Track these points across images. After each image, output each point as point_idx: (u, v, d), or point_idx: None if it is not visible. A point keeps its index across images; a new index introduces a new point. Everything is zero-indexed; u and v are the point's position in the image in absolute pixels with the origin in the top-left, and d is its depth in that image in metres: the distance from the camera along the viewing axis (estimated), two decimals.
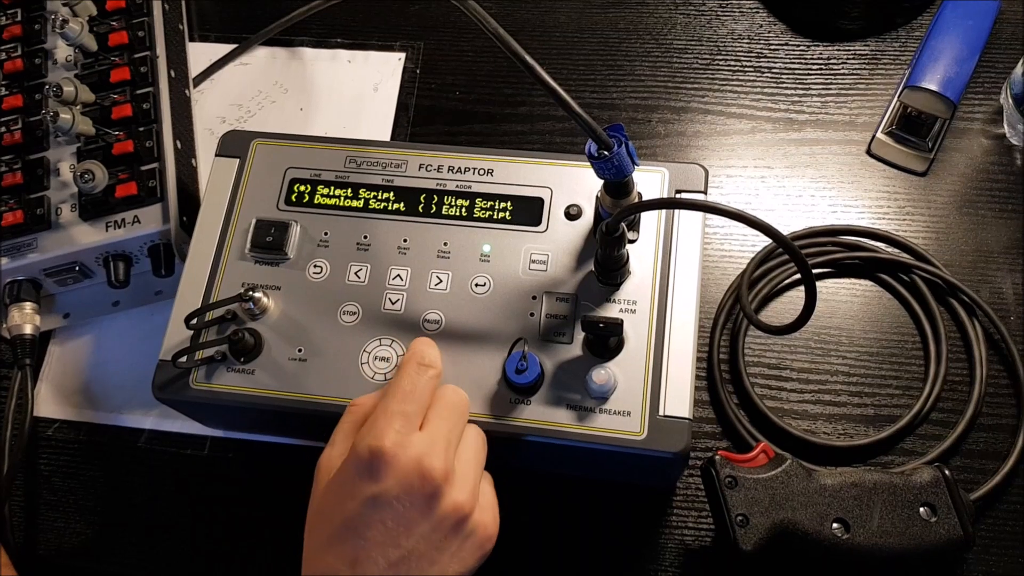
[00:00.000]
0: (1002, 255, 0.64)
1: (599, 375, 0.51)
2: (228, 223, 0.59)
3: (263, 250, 0.57)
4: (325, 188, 0.59)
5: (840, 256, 0.64)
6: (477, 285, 0.55)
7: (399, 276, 0.56)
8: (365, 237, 0.57)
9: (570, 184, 0.58)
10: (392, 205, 0.58)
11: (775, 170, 0.69)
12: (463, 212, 0.57)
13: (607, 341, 0.52)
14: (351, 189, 0.59)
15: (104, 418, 0.64)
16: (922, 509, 0.52)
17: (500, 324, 0.54)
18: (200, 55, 0.76)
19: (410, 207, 0.58)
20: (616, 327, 0.51)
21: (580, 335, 0.53)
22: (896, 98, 0.69)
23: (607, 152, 0.48)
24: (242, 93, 0.75)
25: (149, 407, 0.63)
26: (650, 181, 0.57)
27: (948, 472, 0.53)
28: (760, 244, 0.65)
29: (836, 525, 0.51)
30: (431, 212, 0.58)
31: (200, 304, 0.56)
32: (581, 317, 0.52)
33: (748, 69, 0.73)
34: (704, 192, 0.57)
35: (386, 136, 0.72)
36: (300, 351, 0.55)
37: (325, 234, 0.58)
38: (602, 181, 0.52)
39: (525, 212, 0.57)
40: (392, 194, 0.58)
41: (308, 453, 0.51)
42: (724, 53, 0.74)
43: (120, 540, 0.61)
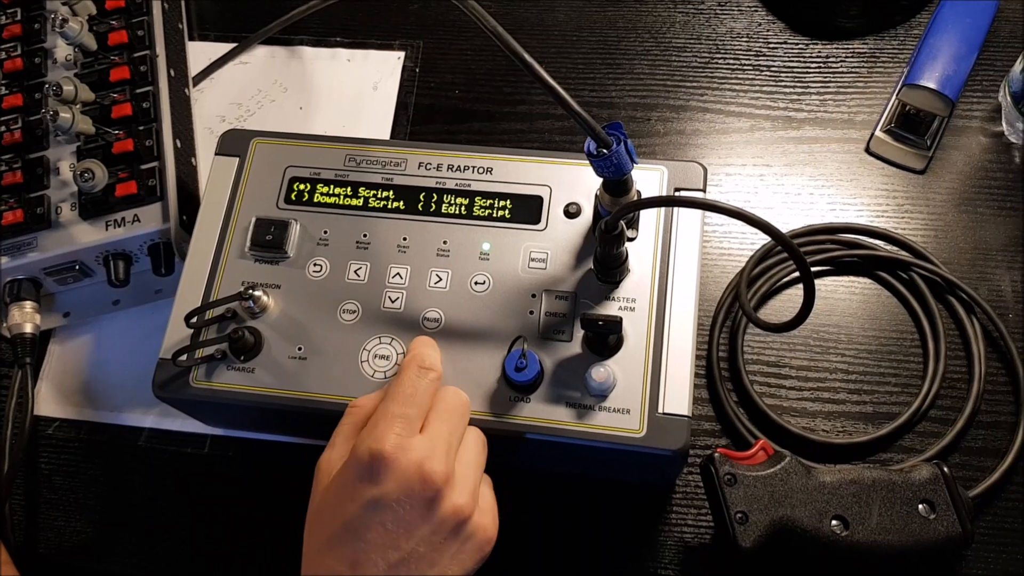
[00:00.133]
0: (1000, 253, 0.65)
1: (598, 373, 0.51)
2: (228, 222, 0.59)
3: (263, 249, 0.57)
4: (325, 187, 0.59)
5: (839, 254, 0.65)
6: (476, 283, 0.56)
7: (399, 274, 0.56)
8: (365, 236, 0.58)
9: (569, 182, 0.58)
10: (392, 204, 0.58)
11: (774, 168, 0.69)
12: (462, 210, 0.58)
13: (606, 339, 0.52)
14: (351, 188, 0.59)
15: (104, 417, 0.64)
16: (921, 506, 0.52)
17: (499, 322, 0.54)
18: (200, 54, 0.76)
19: (410, 206, 0.58)
20: (615, 325, 0.51)
21: (579, 333, 0.53)
22: (895, 96, 0.69)
23: (606, 150, 0.48)
24: (242, 92, 0.75)
25: (149, 406, 0.63)
26: (649, 179, 0.57)
27: (947, 469, 0.53)
28: (759, 242, 0.65)
29: (835, 522, 0.51)
30: (431, 211, 0.58)
31: (200, 303, 0.56)
32: (580, 315, 0.52)
33: (747, 67, 0.73)
34: (703, 190, 0.57)
35: (385, 135, 0.73)
36: (300, 349, 0.55)
37: (325, 233, 0.58)
38: (601, 179, 0.52)
39: (524, 210, 0.57)
40: (392, 193, 0.59)
41: (308, 452, 0.51)
42: (723, 51, 0.74)
43: (120, 539, 0.61)
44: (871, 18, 0.74)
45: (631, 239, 0.55)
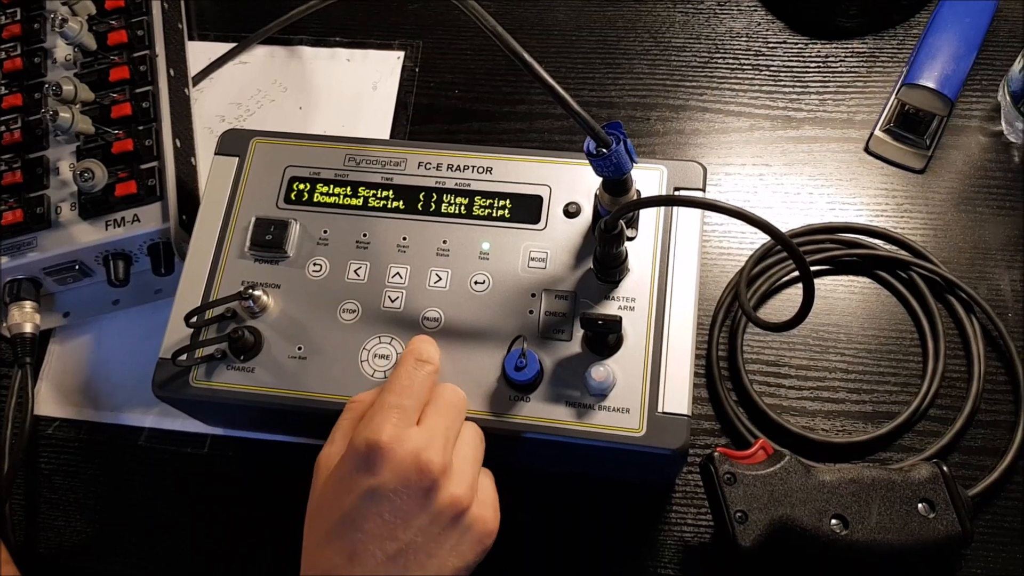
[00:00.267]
0: (1000, 252, 0.65)
1: (598, 372, 0.51)
2: (227, 221, 0.59)
3: (262, 248, 0.57)
4: (324, 186, 0.59)
5: (838, 253, 0.65)
6: (476, 283, 0.56)
7: (398, 274, 0.56)
8: (364, 235, 0.58)
9: (569, 182, 0.58)
10: (391, 203, 0.58)
11: (773, 168, 0.69)
12: (462, 210, 0.58)
13: (606, 338, 0.52)
14: (350, 187, 0.59)
15: (104, 416, 0.64)
16: (920, 505, 0.52)
17: (499, 322, 0.54)
18: (199, 54, 0.76)
19: (409, 205, 0.58)
20: (615, 324, 0.51)
21: (579, 332, 0.53)
22: (894, 96, 0.69)
23: (606, 150, 0.48)
24: (241, 92, 0.75)
25: (149, 405, 0.63)
26: (648, 179, 0.57)
27: (946, 468, 0.53)
28: (759, 241, 0.65)
29: (835, 521, 0.51)
30: (430, 210, 0.58)
31: (200, 302, 0.56)
32: (580, 314, 0.52)
33: (746, 67, 0.73)
34: (702, 190, 0.57)
35: (385, 134, 0.73)
36: (300, 349, 0.55)
37: (324, 232, 0.58)
38: (601, 179, 0.52)
39: (524, 210, 0.57)
40: (391, 192, 0.59)
41: (308, 451, 0.51)
42: (722, 51, 0.74)
43: (120, 539, 0.61)
44: (870, 18, 0.74)
45: (631, 239, 0.55)
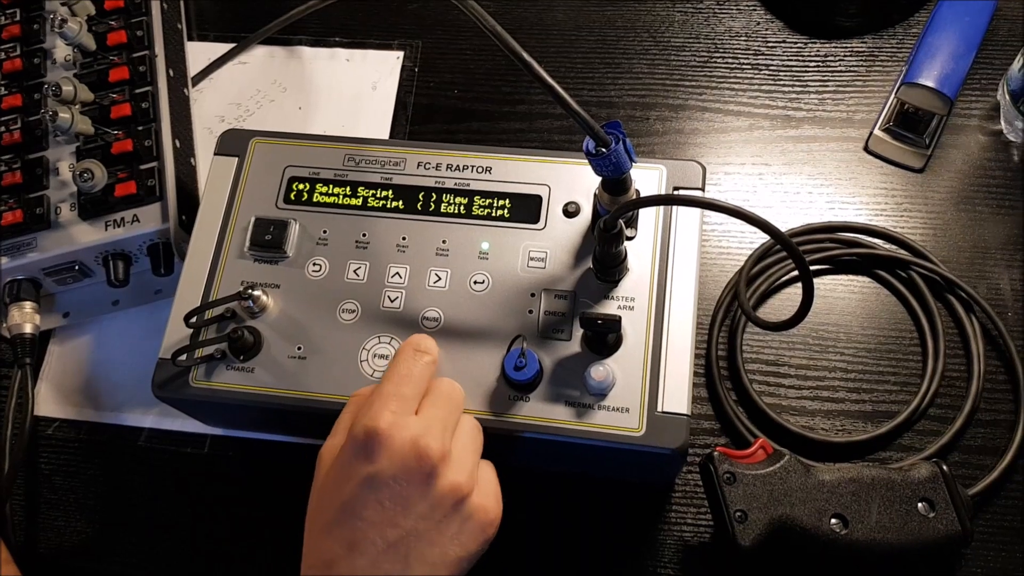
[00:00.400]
0: (999, 251, 0.65)
1: (597, 372, 0.51)
2: (227, 222, 0.59)
3: (262, 248, 0.57)
4: (324, 186, 0.59)
5: (838, 252, 0.65)
6: (476, 283, 0.56)
7: (398, 274, 0.56)
8: (364, 235, 0.58)
9: (568, 181, 0.58)
10: (391, 203, 0.58)
11: (773, 167, 0.69)
12: (461, 210, 0.58)
13: (605, 338, 0.53)
14: (350, 187, 0.59)
15: (104, 417, 0.64)
16: (920, 505, 0.52)
17: (499, 321, 0.54)
18: (199, 54, 0.76)
19: (409, 205, 0.58)
20: (614, 324, 0.51)
21: (578, 332, 0.53)
22: (893, 95, 0.69)
23: (605, 149, 0.48)
24: (241, 92, 0.75)
25: (149, 406, 0.63)
26: (648, 178, 0.57)
27: (946, 468, 0.53)
28: (758, 241, 0.65)
29: (834, 521, 0.51)
30: (430, 210, 0.58)
31: (199, 302, 0.56)
32: (579, 314, 0.52)
33: (746, 66, 0.73)
34: (702, 189, 0.57)
35: (384, 134, 0.73)
36: (299, 349, 0.55)
37: (324, 232, 0.58)
38: (600, 178, 0.52)
39: (523, 210, 0.57)
40: (391, 192, 0.59)
41: (308, 451, 0.51)
42: (722, 50, 0.74)
43: (120, 539, 0.61)
44: (870, 17, 0.74)
45: (630, 238, 0.55)
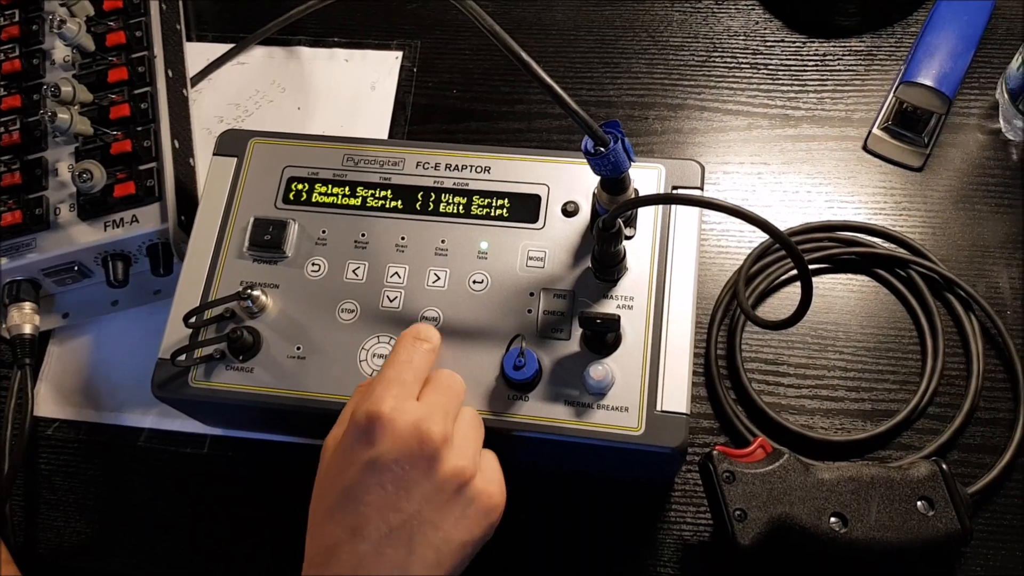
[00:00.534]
0: (998, 250, 0.65)
1: (597, 371, 0.51)
2: (226, 222, 0.59)
3: (261, 248, 0.57)
4: (323, 186, 0.59)
5: (836, 251, 0.65)
6: (475, 282, 0.56)
7: (397, 274, 0.56)
8: (363, 235, 0.58)
9: (567, 181, 0.58)
10: (390, 203, 0.58)
11: (771, 166, 0.69)
12: (460, 210, 0.58)
13: (604, 337, 0.53)
14: (349, 187, 0.59)
15: (104, 417, 0.64)
16: (919, 503, 0.52)
17: (498, 321, 0.54)
18: (198, 55, 0.76)
19: (408, 205, 0.58)
20: (613, 323, 0.51)
21: (578, 331, 0.53)
22: (892, 94, 0.69)
23: (603, 148, 0.48)
24: (240, 92, 0.75)
25: (149, 406, 0.63)
26: (647, 178, 0.57)
27: (945, 466, 0.53)
28: (757, 240, 0.65)
29: (834, 519, 0.51)
30: (429, 210, 0.58)
31: (199, 303, 0.56)
32: (578, 313, 0.52)
33: (744, 66, 0.73)
34: (701, 188, 0.57)
35: (383, 134, 0.73)
36: (299, 349, 0.55)
37: (323, 232, 0.58)
38: (599, 178, 0.52)
39: (522, 209, 0.57)
40: (390, 192, 0.59)
41: (307, 451, 0.51)
42: (720, 50, 0.74)
43: (120, 539, 0.61)
44: (868, 16, 0.74)
45: (629, 237, 0.55)
